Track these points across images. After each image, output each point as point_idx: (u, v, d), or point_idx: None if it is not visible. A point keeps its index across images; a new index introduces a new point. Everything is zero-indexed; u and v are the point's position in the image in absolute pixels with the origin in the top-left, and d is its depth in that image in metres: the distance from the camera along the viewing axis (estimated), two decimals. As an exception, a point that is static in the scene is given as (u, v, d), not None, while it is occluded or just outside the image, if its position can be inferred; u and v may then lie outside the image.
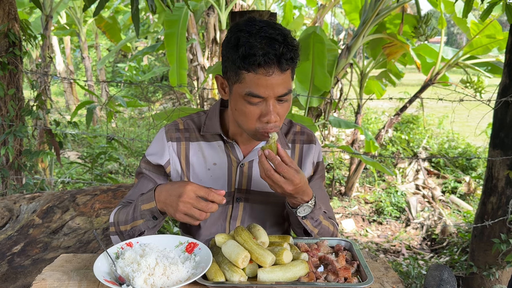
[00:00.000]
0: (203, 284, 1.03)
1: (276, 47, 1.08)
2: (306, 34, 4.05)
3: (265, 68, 1.09)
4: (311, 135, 1.42)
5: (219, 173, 1.33)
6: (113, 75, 14.49)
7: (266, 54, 1.07)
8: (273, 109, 1.15)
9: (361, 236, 4.33)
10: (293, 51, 1.11)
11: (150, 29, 9.64)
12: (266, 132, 1.19)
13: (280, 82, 1.12)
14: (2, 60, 2.88)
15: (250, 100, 1.14)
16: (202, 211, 1.07)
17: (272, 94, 1.13)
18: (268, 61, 1.08)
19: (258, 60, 1.08)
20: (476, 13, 7.52)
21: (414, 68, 5.10)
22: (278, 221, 1.43)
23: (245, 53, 1.09)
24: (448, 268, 1.07)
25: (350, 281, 1.06)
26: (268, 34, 1.09)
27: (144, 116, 9.52)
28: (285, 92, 1.14)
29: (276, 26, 1.12)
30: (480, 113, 2.98)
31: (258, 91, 1.12)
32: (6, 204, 2.30)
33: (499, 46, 4.49)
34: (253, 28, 1.10)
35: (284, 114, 1.21)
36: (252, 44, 1.08)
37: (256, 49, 1.08)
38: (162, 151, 1.33)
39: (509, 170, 2.75)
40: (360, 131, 5.11)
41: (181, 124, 1.36)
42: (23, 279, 1.78)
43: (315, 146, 1.41)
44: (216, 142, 1.33)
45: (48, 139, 3.22)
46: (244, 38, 1.09)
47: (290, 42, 1.10)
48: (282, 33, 1.10)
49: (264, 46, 1.08)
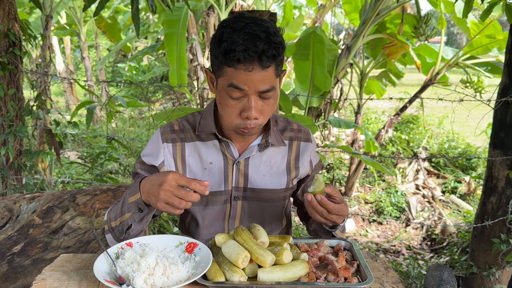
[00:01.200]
0: (203, 284, 1.03)
1: (257, 44, 1.08)
2: (306, 34, 4.05)
3: (245, 64, 1.10)
4: (307, 132, 1.43)
5: (216, 172, 1.33)
6: (113, 75, 14.49)
7: (246, 50, 1.08)
8: (255, 105, 1.16)
9: (361, 236, 4.33)
10: (276, 48, 1.11)
11: (150, 29, 9.64)
12: (246, 128, 1.20)
13: (261, 79, 1.12)
14: (2, 60, 2.88)
15: (231, 93, 1.15)
16: (182, 199, 1.06)
17: (253, 89, 1.13)
18: (247, 57, 1.09)
19: (238, 55, 1.09)
20: (476, 13, 7.52)
21: (414, 68, 5.10)
22: (277, 218, 1.43)
23: (226, 48, 1.10)
24: (448, 268, 1.07)
25: (350, 281, 1.06)
26: (251, 31, 1.09)
27: (144, 116, 9.52)
28: (267, 89, 1.14)
29: (262, 23, 1.12)
30: (480, 113, 2.98)
31: (239, 85, 1.13)
32: (6, 204, 2.30)
33: (499, 46, 4.49)
34: (238, 25, 1.11)
35: (268, 112, 1.21)
36: (234, 39, 1.09)
37: (237, 44, 1.09)
38: (157, 153, 1.33)
39: (509, 170, 2.75)
40: (360, 131, 5.11)
41: (176, 125, 1.36)
42: (23, 279, 1.78)
43: (311, 144, 1.43)
44: (212, 141, 1.33)
45: (48, 139, 3.22)
46: (227, 33, 1.11)
47: (273, 39, 1.10)
48: (267, 30, 1.10)
49: (246, 42, 1.08)
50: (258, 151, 1.33)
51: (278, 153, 1.37)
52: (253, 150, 1.33)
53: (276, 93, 1.19)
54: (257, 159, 1.34)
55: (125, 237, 1.22)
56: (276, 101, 1.21)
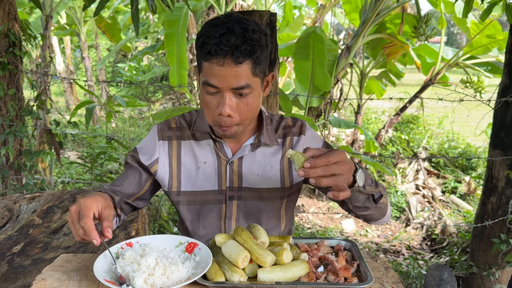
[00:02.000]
0: (203, 284, 1.03)
1: (230, 38, 1.09)
2: (306, 34, 4.05)
3: (217, 58, 1.10)
4: (301, 125, 1.39)
5: (209, 172, 1.34)
6: (113, 75, 14.49)
7: (219, 43, 1.09)
8: (228, 102, 1.15)
9: (361, 236, 4.33)
10: (251, 45, 1.10)
11: (150, 29, 9.64)
12: (221, 126, 1.20)
13: (234, 74, 1.11)
14: (2, 60, 2.88)
15: (207, 89, 1.16)
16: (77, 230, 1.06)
17: (225, 85, 1.13)
18: (219, 51, 1.09)
19: (209, 48, 1.09)
20: (476, 13, 7.52)
21: (414, 68, 5.11)
22: (274, 218, 1.42)
23: (202, 41, 1.12)
24: (448, 268, 1.07)
25: (350, 281, 1.06)
26: (228, 26, 1.10)
27: (144, 116, 9.52)
28: (241, 86, 1.13)
29: (244, 21, 1.12)
30: (480, 113, 2.98)
31: (212, 80, 1.13)
32: (6, 204, 2.30)
33: (499, 46, 4.50)
34: (219, 21, 1.12)
35: (245, 111, 1.19)
36: (210, 33, 1.10)
37: (211, 38, 1.10)
38: (152, 151, 1.34)
39: (509, 170, 2.75)
40: (360, 131, 5.11)
41: (173, 123, 1.37)
42: (23, 279, 1.78)
43: (305, 136, 1.38)
44: (206, 141, 1.34)
45: (48, 139, 3.22)
46: (206, 28, 1.12)
47: (249, 35, 1.10)
48: (245, 27, 1.10)
49: (220, 36, 1.09)
50: (250, 150, 1.33)
51: (271, 152, 1.36)
52: (246, 150, 1.33)
53: (255, 93, 1.18)
54: (250, 158, 1.34)
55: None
56: (256, 103, 1.20)
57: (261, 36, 1.13)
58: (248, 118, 1.22)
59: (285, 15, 7.84)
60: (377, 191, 1.20)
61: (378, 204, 1.22)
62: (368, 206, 1.22)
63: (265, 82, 1.25)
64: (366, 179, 1.16)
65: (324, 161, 1.01)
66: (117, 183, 1.34)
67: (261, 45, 1.13)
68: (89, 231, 1.02)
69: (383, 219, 1.32)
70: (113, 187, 1.33)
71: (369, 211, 1.24)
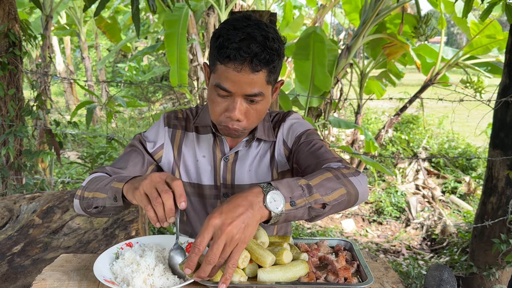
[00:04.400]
0: (203, 284, 1.03)
1: (251, 45, 1.07)
2: (306, 34, 4.05)
3: (235, 63, 1.08)
4: (285, 115, 1.38)
5: (206, 167, 1.35)
6: (113, 75, 14.49)
7: (239, 49, 1.07)
8: (239, 106, 1.15)
9: (361, 236, 4.33)
10: (270, 54, 1.09)
11: (150, 29, 9.64)
12: (228, 128, 1.19)
13: (249, 81, 1.11)
14: (2, 60, 2.88)
15: (218, 92, 1.15)
16: (159, 196, 0.95)
17: (239, 91, 1.12)
18: (238, 57, 1.07)
19: (229, 52, 1.08)
20: (476, 13, 7.52)
21: (414, 68, 5.11)
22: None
23: (221, 43, 1.10)
24: (448, 268, 1.07)
25: (350, 281, 1.06)
26: (249, 31, 1.08)
27: (144, 116, 9.52)
28: (254, 93, 1.13)
29: (265, 27, 1.11)
30: (480, 113, 2.99)
31: (226, 84, 1.12)
32: (6, 204, 2.30)
33: (499, 46, 4.50)
34: (239, 24, 1.10)
35: (254, 117, 1.19)
36: (230, 37, 1.09)
37: (231, 42, 1.08)
38: (157, 136, 1.35)
39: (509, 170, 2.75)
40: (360, 131, 5.11)
41: (180, 113, 1.39)
42: (23, 279, 1.78)
43: (284, 123, 1.35)
44: (207, 135, 1.35)
45: (48, 139, 3.22)
46: (225, 30, 1.11)
47: (269, 44, 1.09)
48: (266, 35, 1.09)
49: (241, 41, 1.08)
50: (244, 146, 1.34)
51: (266, 147, 1.37)
52: (240, 146, 1.34)
53: (265, 100, 1.18)
54: (244, 154, 1.35)
55: (90, 212, 1.19)
56: (264, 109, 1.20)
57: (280, 46, 1.13)
58: (255, 122, 1.22)
59: (285, 15, 7.84)
60: (313, 199, 0.96)
61: (332, 203, 1.00)
62: (318, 214, 1.00)
63: (274, 88, 1.25)
64: (293, 191, 0.95)
65: (196, 256, 0.89)
66: (119, 165, 1.29)
67: (279, 55, 1.13)
68: (172, 206, 0.94)
69: (358, 201, 1.11)
70: (115, 169, 1.28)
71: (326, 215, 1.03)
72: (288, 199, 0.94)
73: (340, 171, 1.07)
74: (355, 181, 1.07)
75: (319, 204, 0.98)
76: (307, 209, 0.96)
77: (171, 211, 0.95)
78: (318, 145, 1.25)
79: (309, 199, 0.96)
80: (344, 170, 1.08)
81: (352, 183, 1.06)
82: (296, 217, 0.97)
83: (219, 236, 0.88)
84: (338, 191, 1.02)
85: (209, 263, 0.89)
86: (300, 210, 0.95)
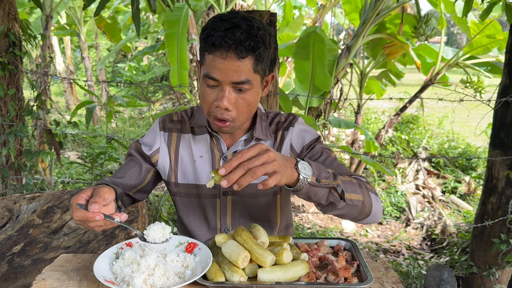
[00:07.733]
0: (203, 284, 1.03)
1: (236, 33, 1.10)
2: (306, 34, 4.05)
3: (220, 50, 1.11)
4: (291, 119, 1.39)
5: (204, 166, 1.36)
6: (113, 75, 14.48)
7: (224, 36, 1.10)
8: (228, 95, 1.16)
9: (361, 236, 4.33)
10: (255, 41, 1.12)
11: (150, 29, 9.64)
12: (217, 118, 1.20)
13: (236, 69, 1.13)
14: (2, 60, 2.88)
15: (207, 82, 1.17)
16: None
17: (226, 78, 1.14)
18: (223, 43, 1.10)
19: (213, 39, 1.11)
20: (476, 13, 7.51)
21: (414, 68, 5.11)
22: (270, 212, 1.41)
23: (208, 33, 1.13)
24: (448, 268, 1.07)
25: (350, 281, 1.06)
26: (235, 21, 1.11)
27: (144, 116, 9.52)
28: (241, 80, 1.15)
29: (250, 19, 1.14)
30: (480, 113, 2.98)
31: (213, 73, 1.14)
32: (6, 204, 2.30)
33: (499, 46, 4.50)
34: (226, 16, 1.14)
35: (244, 107, 1.20)
36: (215, 26, 1.12)
37: (216, 31, 1.11)
38: (154, 140, 1.37)
39: (509, 170, 2.75)
40: (360, 131, 5.11)
41: (175, 116, 1.41)
42: (23, 279, 1.78)
43: (293, 128, 1.36)
44: (203, 135, 1.36)
45: (48, 139, 3.22)
46: (212, 21, 1.14)
47: (253, 32, 1.12)
48: (251, 24, 1.12)
49: (226, 30, 1.11)
50: (243, 145, 1.34)
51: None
52: (239, 145, 1.34)
53: (254, 91, 1.19)
54: None
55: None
56: (254, 100, 1.21)
57: (265, 34, 1.15)
58: (245, 114, 1.23)
59: (285, 15, 7.84)
60: (336, 183, 1.09)
61: (348, 201, 1.11)
62: (334, 203, 1.10)
63: (265, 81, 1.26)
64: (321, 172, 1.08)
65: (237, 160, 0.97)
66: (119, 175, 1.35)
67: (264, 42, 1.15)
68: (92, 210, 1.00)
69: (369, 218, 1.21)
70: (114, 179, 1.33)
71: (338, 210, 1.13)
72: (315, 175, 1.06)
73: (365, 184, 1.19)
74: (373, 197, 1.19)
75: (338, 193, 1.10)
76: (328, 190, 1.08)
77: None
78: (331, 159, 1.30)
79: (333, 182, 1.09)
80: (367, 185, 1.20)
81: (370, 197, 1.17)
82: (317, 195, 1.08)
83: (262, 154, 0.98)
84: (356, 195, 1.13)
85: (239, 158, 0.97)
86: (322, 189, 1.07)
